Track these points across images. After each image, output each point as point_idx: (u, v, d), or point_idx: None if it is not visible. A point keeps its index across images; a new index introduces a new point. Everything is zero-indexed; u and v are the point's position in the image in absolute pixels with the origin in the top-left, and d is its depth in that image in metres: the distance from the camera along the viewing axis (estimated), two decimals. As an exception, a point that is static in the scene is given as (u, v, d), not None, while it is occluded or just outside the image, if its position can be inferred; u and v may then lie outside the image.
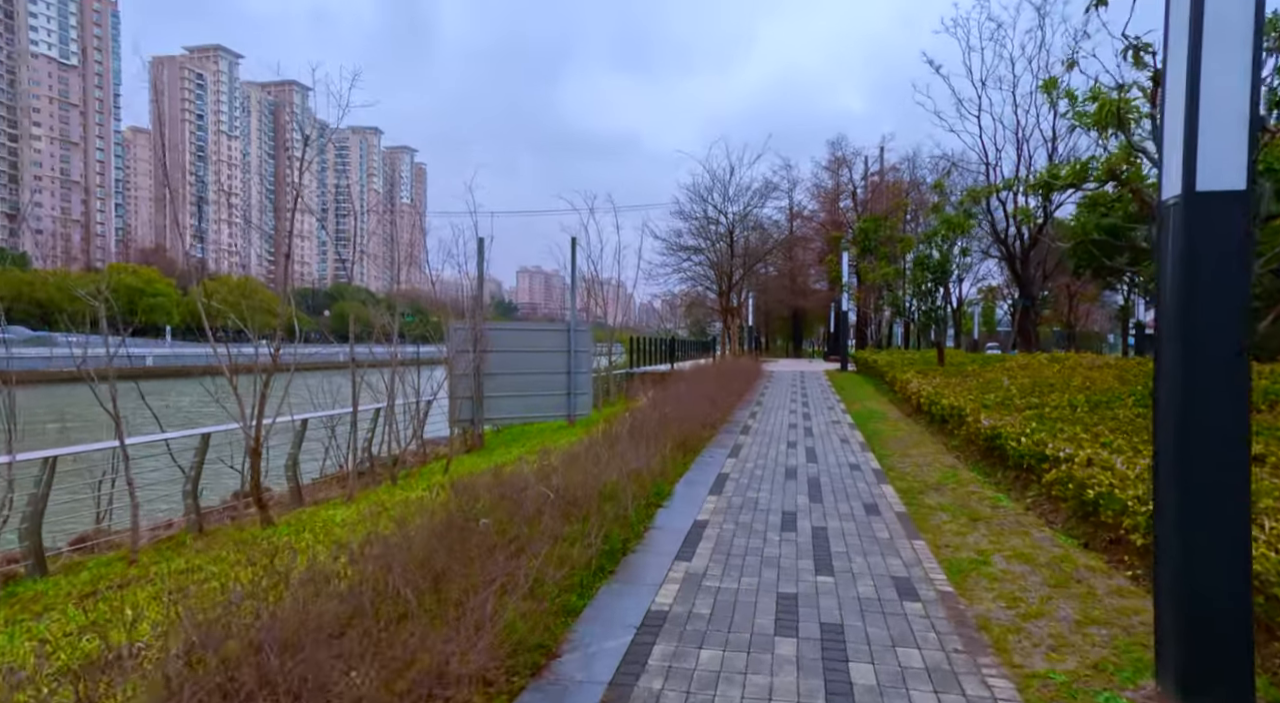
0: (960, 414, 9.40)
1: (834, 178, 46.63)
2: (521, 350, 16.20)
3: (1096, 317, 57.44)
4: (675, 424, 9.37)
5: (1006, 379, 11.25)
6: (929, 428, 11.14)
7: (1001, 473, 7.43)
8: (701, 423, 10.35)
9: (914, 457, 8.79)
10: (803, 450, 9.24)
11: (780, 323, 65.32)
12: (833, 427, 11.56)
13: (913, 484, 7.21)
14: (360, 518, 7.61)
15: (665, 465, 7.40)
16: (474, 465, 12.33)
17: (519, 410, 16.24)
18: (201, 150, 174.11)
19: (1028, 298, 25.92)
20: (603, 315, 20.64)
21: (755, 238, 33.32)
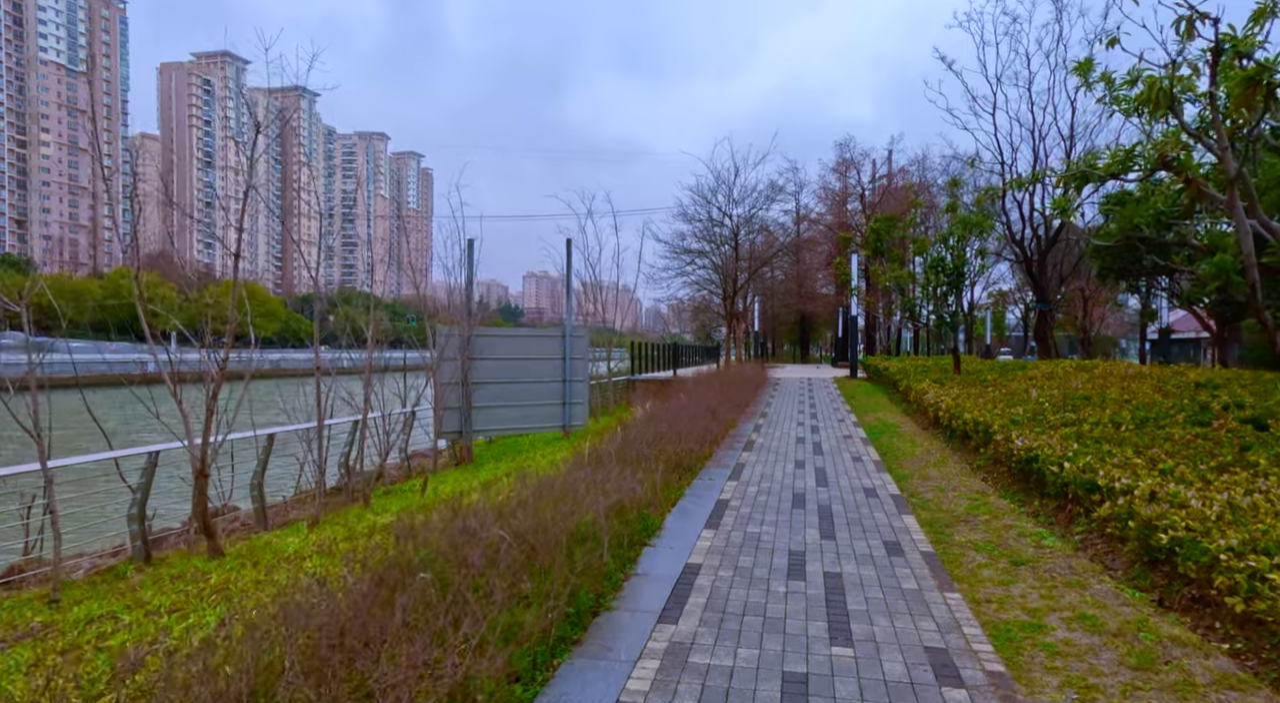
0: (986, 431, 8.49)
1: (841, 180, 45.69)
2: (513, 358, 15.39)
3: (1110, 322, 56.29)
4: (671, 441, 8.51)
5: (1034, 390, 10.33)
6: (949, 444, 10.23)
7: (1039, 501, 6.52)
8: (700, 438, 9.47)
9: (935, 479, 7.89)
10: (811, 471, 8.35)
11: (787, 328, 64.38)
12: (844, 442, 10.66)
13: (938, 515, 6.31)
14: (312, 551, 6.77)
15: (655, 493, 6.52)
16: (459, 482, 11.49)
17: (511, 422, 15.41)
18: (209, 156, 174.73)
19: (1044, 302, 24.95)
20: (602, 321, 19.79)
21: (761, 240, 32.43)
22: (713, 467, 8.59)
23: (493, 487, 8.25)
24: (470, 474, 12.31)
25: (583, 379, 16.23)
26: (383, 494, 11.83)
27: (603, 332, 20.22)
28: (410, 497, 10.29)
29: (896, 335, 48.10)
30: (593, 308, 24.41)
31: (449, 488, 10.80)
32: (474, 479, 11.61)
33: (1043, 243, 24.98)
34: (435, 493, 10.52)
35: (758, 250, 31.62)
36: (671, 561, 5.01)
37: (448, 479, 12.16)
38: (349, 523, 8.56)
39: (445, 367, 14.31)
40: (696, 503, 6.74)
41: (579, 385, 16.12)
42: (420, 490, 10.26)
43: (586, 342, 16.46)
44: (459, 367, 14.29)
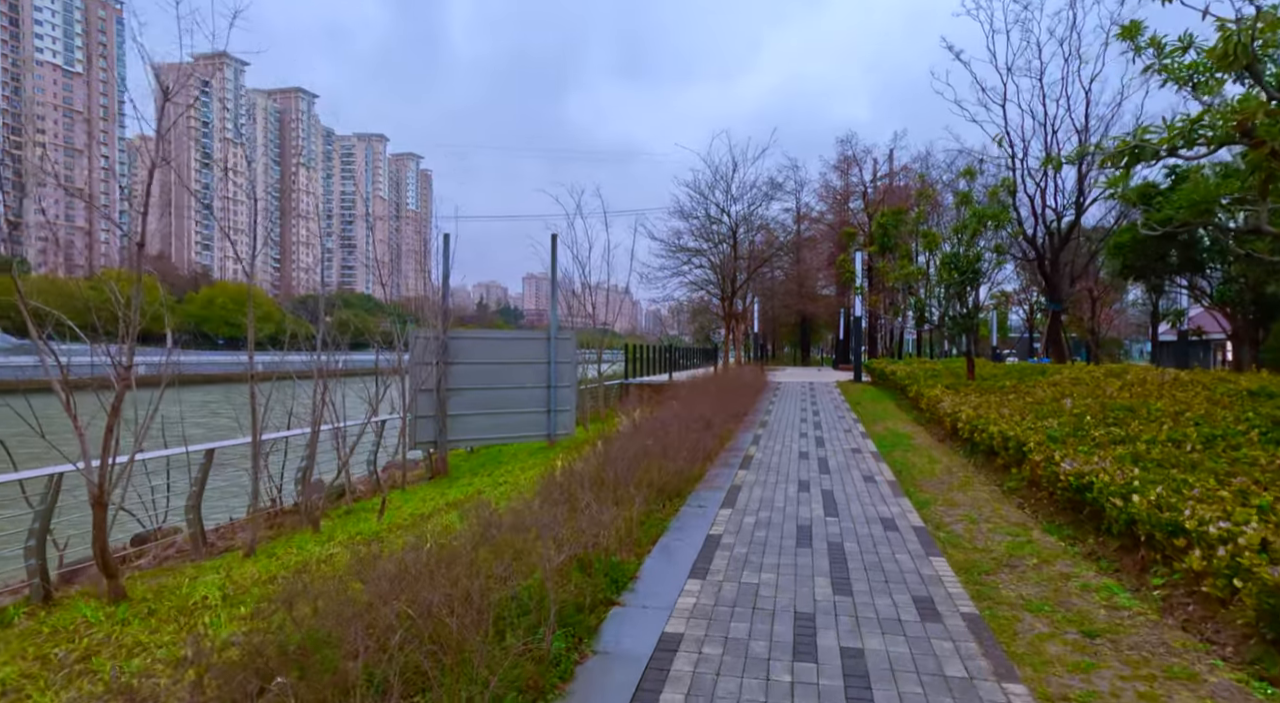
0: (1019, 448, 7.38)
1: (843, 178, 44.61)
2: (494, 362, 14.31)
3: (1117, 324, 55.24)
4: (658, 459, 7.40)
5: (1069, 399, 9.21)
6: (971, 460, 9.12)
7: (1094, 539, 5.41)
8: (692, 454, 8.36)
9: (962, 506, 6.78)
10: (818, 495, 7.24)
11: (787, 329, 63.30)
12: (852, 457, 9.54)
13: (973, 556, 5.19)
14: (226, 597, 5.65)
15: (632, 529, 5.41)
16: (425, 501, 10.38)
17: (491, 431, 14.32)
18: (207, 157, 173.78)
19: (1057, 302, 23.83)
20: (593, 322, 18.69)
21: (761, 239, 31.33)
22: (705, 489, 7.47)
23: (433, 519, 7.14)
24: (440, 490, 11.21)
25: (569, 385, 15.15)
26: (344, 514, 10.73)
27: (595, 333, 19.12)
28: (366, 520, 9.18)
29: (899, 337, 47.04)
30: (589, 309, 23.34)
31: (410, 509, 9.69)
32: (442, 498, 10.50)
33: (1055, 240, 23.89)
34: (395, 515, 9.42)
35: (757, 250, 30.48)
36: (645, 629, 3.90)
37: (414, 496, 11.06)
38: (286, 554, 7.45)
39: (419, 371, 13.26)
40: (682, 539, 5.63)
41: (565, 392, 15.04)
42: (380, 512, 9.14)
43: (573, 345, 15.37)
44: (433, 371, 13.23)
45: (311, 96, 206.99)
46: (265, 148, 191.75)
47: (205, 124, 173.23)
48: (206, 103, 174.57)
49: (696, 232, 26.69)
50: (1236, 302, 15.99)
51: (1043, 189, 23.76)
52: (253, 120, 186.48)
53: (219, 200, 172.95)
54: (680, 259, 26.63)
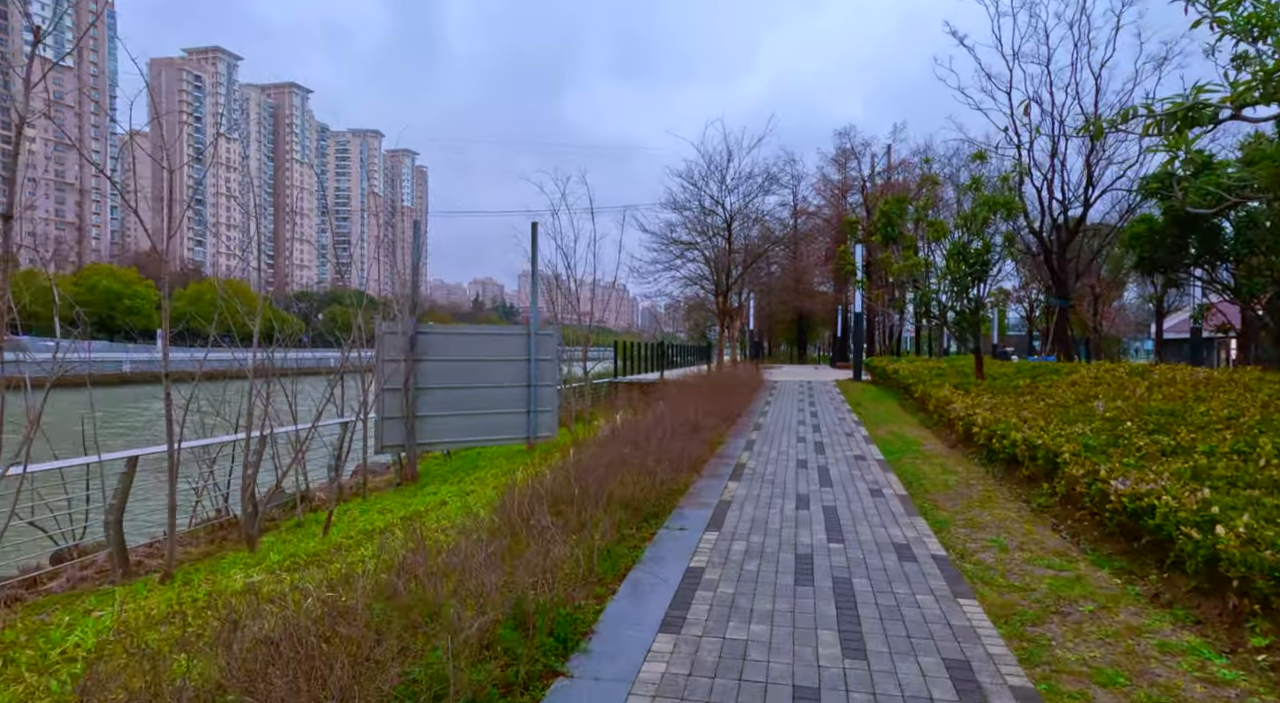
0: (1051, 459, 6.42)
1: (841, 171, 43.69)
2: (469, 359, 13.30)
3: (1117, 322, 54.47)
4: (635, 470, 6.42)
5: (1099, 402, 8.24)
6: (989, 470, 8.15)
7: (1157, 574, 4.45)
8: (676, 464, 7.39)
9: (988, 527, 5.80)
10: (819, 513, 6.26)
11: (784, 327, 62.37)
12: (856, 466, 8.57)
13: (1012, 598, 4.22)
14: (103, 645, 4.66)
15: (594, 562, 4.44)
16: (385, 512, 9.38)
17: (466, 433, 13.31)
18: (200, 152, 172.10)
19: (1064, 298, 22.91)
20: (577, 318, 17.69)
21: (757, 232, 30.32)
22: (689, 505, 6.49)
23: (372, 541, 6.15)
24: (404, 499, 10.21)
25: (550, 384, 14.15)
26: (294, 527, 9.73)
27: (582, 329, 18.10)
28: (314, 535, 8.17)
29: (896, 334, 46.13)
30: (576, 304, 22.34)
31: (364, 522, 8.68)
32: (403, 508, 9.50)
33: (1063, 233, 22.96)
34: (346, 529, 8.42)
35: (752, 244, 29.48)
36: (592, 716, 2.91)
37: (374, 506, 10.05)
38: (207, 580, 6.45)
39: (387, 369, 12.27)
40: (657, 574, 4.64)
41: (546, 391, 14.05)
42: (325, 528, 8.14)
43: (556, 341, 14.37)
44: (401, 369, 12.25)
45: (305, 92, 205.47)
46: (259, 143, 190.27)
47: (197, 119, 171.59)
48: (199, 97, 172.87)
49: (690, 224, 25.72)
50: (1264, 294, 15.05)
51: (1049, 180, 22.84)
52: (246, 115, 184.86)
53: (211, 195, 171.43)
54: (673, 253, 25.67)
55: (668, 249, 25.65)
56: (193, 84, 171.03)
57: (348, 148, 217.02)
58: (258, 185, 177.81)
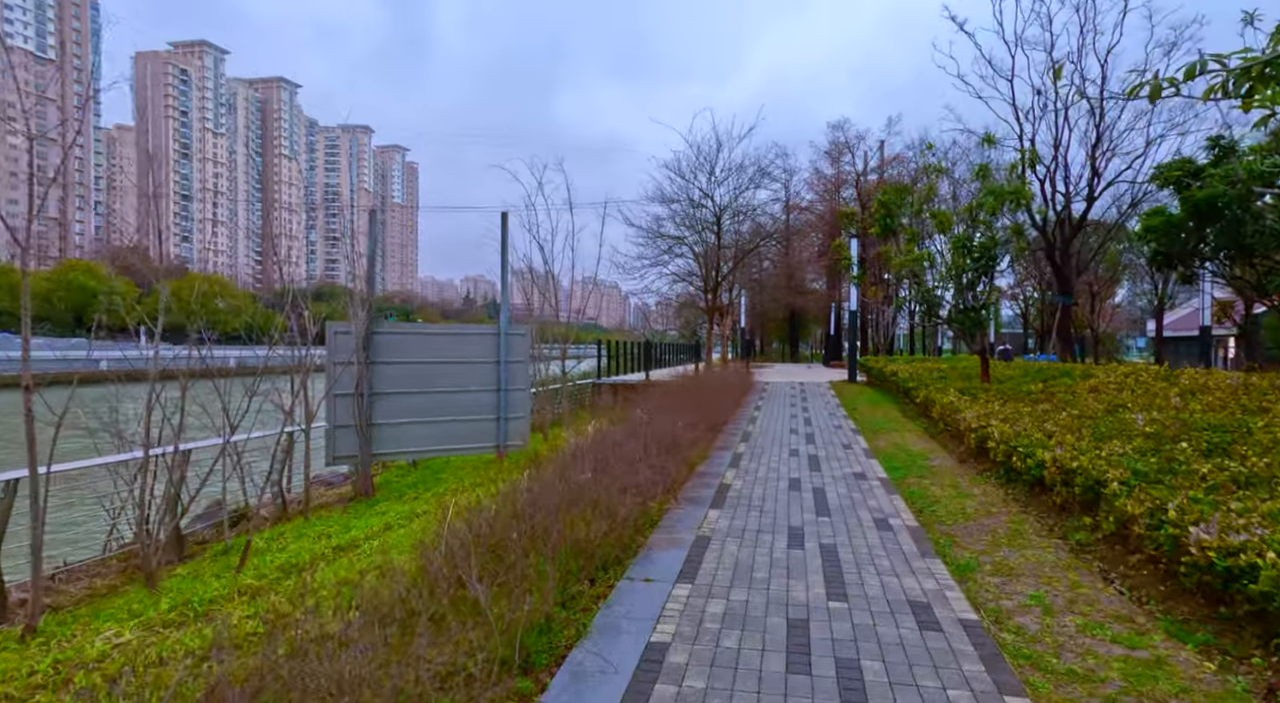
0: (1093, 488, 5.36)
1: (834, 165, 42.65)
2: (432, 361, 12.20)
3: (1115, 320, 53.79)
4: (590, 504, 5.32)
5: (1139, 416, 7.19)
6: (1010, 492, 7.09)
7: (1263, 655, 3.39)
8: (648, 490, 6.30)
9: (1023, 574, 4.73)
10: (815, 555, 5.17)
11: (776, 324, 61.38)
12: (857, 487, 7.49)
13: (1077, 696, 3.15)
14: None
15: (521, 644, 3.34)
16: (320, 537, 8.25)
17: (429, 442, 12.20)
18: (186, 147, 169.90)
19: (1068, 294, 21.95)
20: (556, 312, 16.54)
21: (748, 228, 29.24)
22: (660, 543, 5.39)
23: (260, 596, 5.01)
24: (348, 522, 9.07)
25: (522, 387, 13.06)
26: (219, 554, 8.57)
27: (557, 327, 16.96)
28: (227, 570, 7.02)
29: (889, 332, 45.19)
30: (555, 300, 21.22)
31: (291, 552, 7.53)
32: (344, 533, 8.37)
33: (1066, 228, 21.99)
34: (273, 560, 7.29)
35: (743, 240, 28.38)
36: None
37: (314, 528, 8.89)
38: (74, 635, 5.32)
39: (339, 373, 11.15)
40: (606, 656, 3.54)
41: (517, 396, 12.95)
42: (241, 560, 6.99)
43: (528, 342, 13.26)
44: (353, 372, 11.14)
45: (294, 87, 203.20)
46: (247, 138, 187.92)
47: (184, 113, 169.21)
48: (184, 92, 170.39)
49: (678, 218, 24.61)
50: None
51: (1051, 173, 21.86)
52: (233, 110, 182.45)
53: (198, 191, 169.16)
54: (660, 248, 24.55)
55: (654, 243, 24.59)
56: (178, 78, 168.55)
57: (337, 143, 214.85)
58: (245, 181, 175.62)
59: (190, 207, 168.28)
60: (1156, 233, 14.39)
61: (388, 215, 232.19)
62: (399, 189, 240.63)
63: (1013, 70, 21.28)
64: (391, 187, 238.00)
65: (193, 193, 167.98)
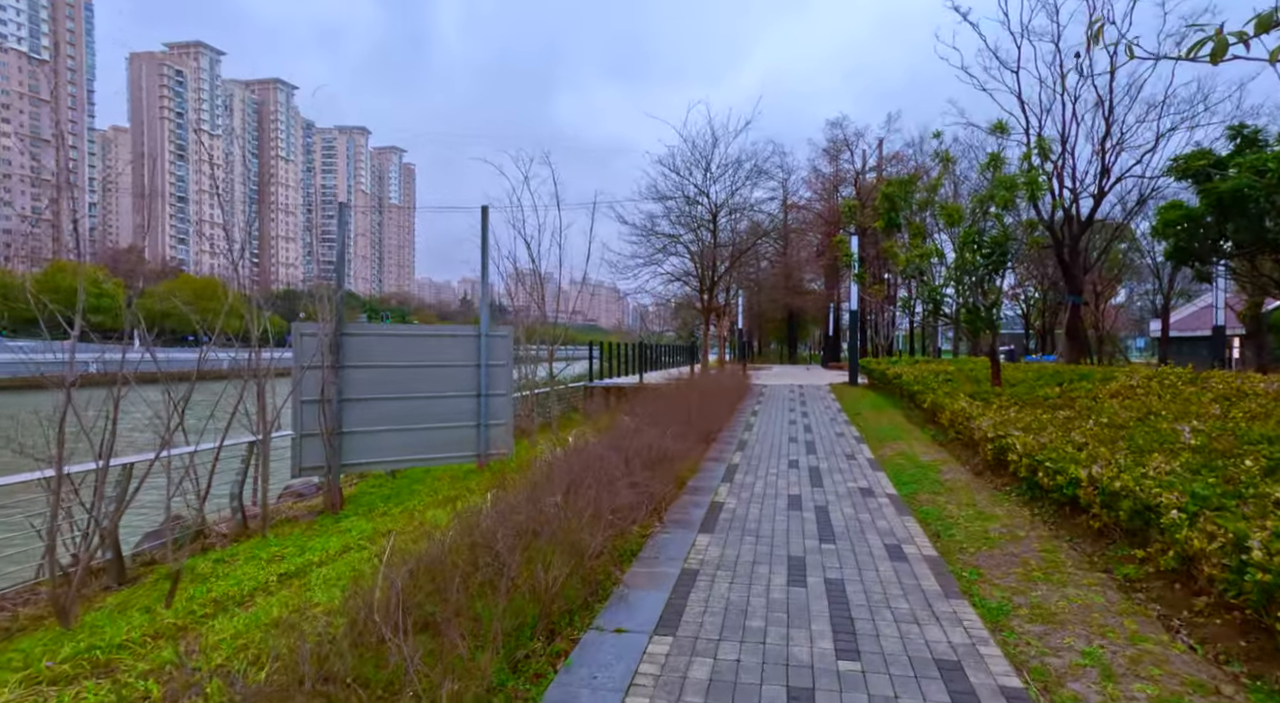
0: (1143, 514, 4.60)
1: (833, 164, 41.92)
2: (408, 365, 11.47)
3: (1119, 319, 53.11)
4: (556, 536, 4.55)
5: (1185, 426, 6.43)
6: (1036, 511, 6.32)
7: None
8: (630, 513, 5.54)
9: (1070, 624, 3.96)
10: (820, 594, 4.40)
11: (774, 325, 60.66)
12: (864, 506, 6.72)
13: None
14: None
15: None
16: (272, 561, 7.47)
17: (403, 451, 11.46)
18: (181, 149, 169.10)
19: (1077, 294, 21.21)
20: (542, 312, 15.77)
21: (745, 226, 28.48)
22: (639, 578, 4.62)
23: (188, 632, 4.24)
24: (304, 541, 8.28)
25: (504, 392, 12.31)
26: (165, 578, 7.79)
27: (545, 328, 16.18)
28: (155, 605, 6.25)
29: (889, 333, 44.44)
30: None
31: (235, 578, 6.74)
32: (300, 555, 7.59)
33: (1074, 225, 21.25)
34: (211, 588, 6.52)
35: (740, 239, 27.62)
36: None
37: (269, 548, 8.10)
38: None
39: (305, 378, 10.41)
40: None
41: (500, 401, 12.21)
42: (168, 595, 6.20)
43: (510, 344, 12.50)
44: (321, 377, 10.40)
45: (290, 88, 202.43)
46: (243, 140, 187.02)
47: (179, 114, 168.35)
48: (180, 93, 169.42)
49: (673, 216, 23.83)
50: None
51: (1059, 168, 21.13)
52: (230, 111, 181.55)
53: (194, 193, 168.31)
54: (654, 246, 23.79)
55: (649, 242, 23.82)
56: (174, 79, 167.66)
57: (334, 145, 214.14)
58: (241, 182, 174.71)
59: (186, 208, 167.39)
60: (1174, 228, 13.64)
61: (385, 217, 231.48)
62: (396, 190, 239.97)
63: (1018, 62, 20.56)
64: (389, 188, 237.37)
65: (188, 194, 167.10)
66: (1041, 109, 20.90)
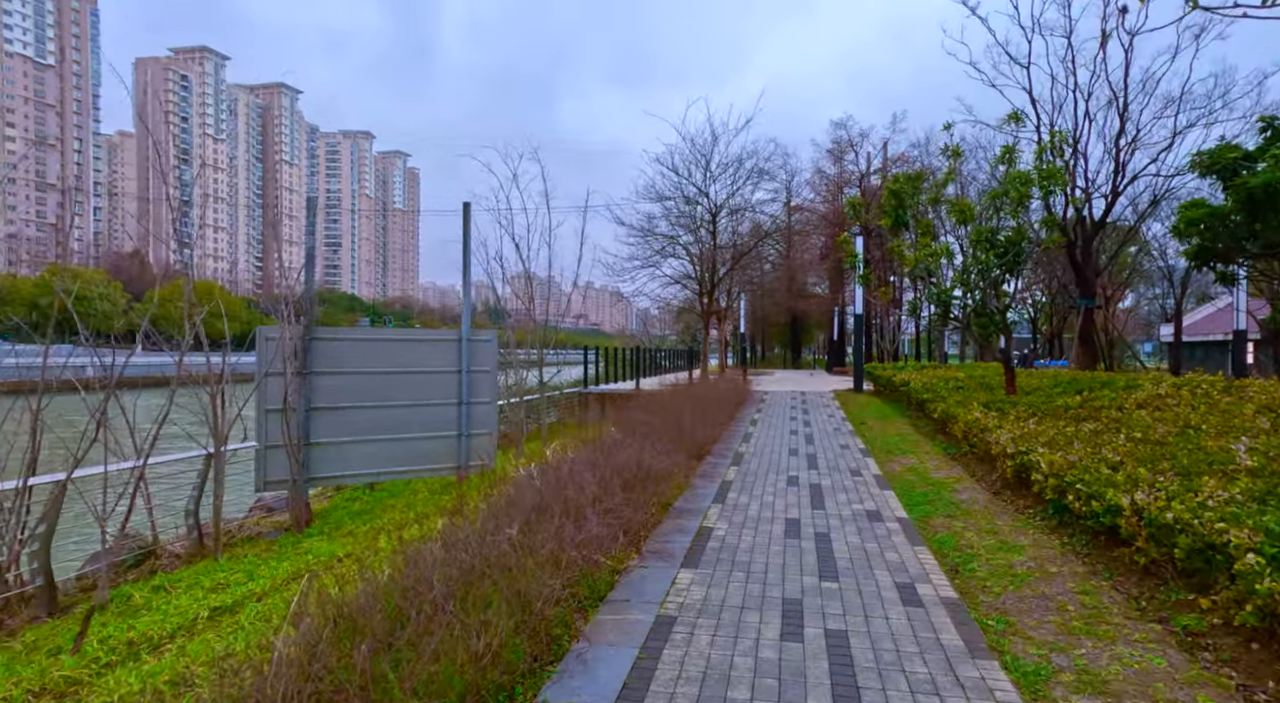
0: (1206, 552, 3.86)
1: (837, 165, 41.19)
2: (382, 371, 10.80)
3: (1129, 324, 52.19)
4: (510, 576, 3.83)
5: (1241, 445, 5.66)
6: (1066, 540, 5.57)
7: None
8: (603, 543, 4.81)
9: (1130, 694, 3.20)
10: (820, 658, 3.64)
11: (777, 329, 59.91)
12: (872, 532, 5.97)
13: None
14: None
15: None
16: (219, 591, 6.76)
17: (378, 464, 10.77)
18: (186, 153, 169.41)
19: (1090, 297, 20.42)
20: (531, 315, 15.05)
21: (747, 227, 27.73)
22: (602, 636, 3.88)
23: None
24: (255, 569, 7.56)
25: (488, 400, 11.62)
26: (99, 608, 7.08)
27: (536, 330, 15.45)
28: (91, 635, 5.54)
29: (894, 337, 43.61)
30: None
31: (157, 614, 6.04)
32: (246, 584, 6.89)
33: (1087, 225, 20.49)
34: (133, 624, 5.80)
35: (741, 240, 26.88)
36: None
37: (211, 575, 7.38)
38: None
39: (270, 385, 9.74)
40: None
41: (482, 409, 11.53)
42: (77, 637, 5.49)
43: (494, 348, 11.81)
44: (285, 384, 9.73)
45: (295, 92, 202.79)
46: (247, 144, 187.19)
47: (184, 119, 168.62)
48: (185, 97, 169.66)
49: (672, 216, 23.11)
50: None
51: (1071, 166, 20.36)
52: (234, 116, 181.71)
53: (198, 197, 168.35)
54: (652, 247, 23.05)
55: (647, 242, 23.09)
56: (179, 84, 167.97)
57: (338, 149, 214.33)
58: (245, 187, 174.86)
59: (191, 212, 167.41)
60: (1198, 226, 12.84)
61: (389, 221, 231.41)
62: (400, 195, 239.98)
63: (1029, 57, 19.83)
64: (393, 192, 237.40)
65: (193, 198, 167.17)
66: (1053, 106, 20.17)
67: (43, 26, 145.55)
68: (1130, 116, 19.76)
